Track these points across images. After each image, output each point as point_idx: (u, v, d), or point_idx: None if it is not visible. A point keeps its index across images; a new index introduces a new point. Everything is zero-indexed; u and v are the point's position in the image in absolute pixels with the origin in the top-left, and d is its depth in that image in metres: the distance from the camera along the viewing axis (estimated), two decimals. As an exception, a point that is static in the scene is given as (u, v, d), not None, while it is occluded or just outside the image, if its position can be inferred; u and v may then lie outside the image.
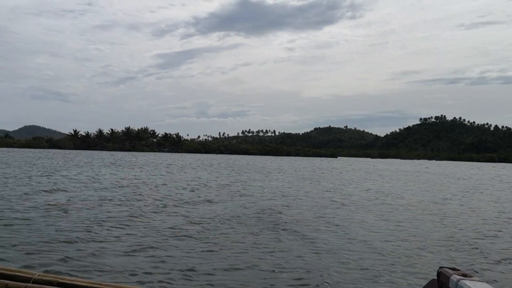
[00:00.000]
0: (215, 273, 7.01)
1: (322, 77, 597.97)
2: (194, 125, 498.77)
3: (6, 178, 23.64)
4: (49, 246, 8.27)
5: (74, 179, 24.76)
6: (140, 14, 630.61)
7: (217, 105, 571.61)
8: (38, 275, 2.17)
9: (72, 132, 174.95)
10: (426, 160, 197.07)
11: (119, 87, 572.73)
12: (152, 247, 8.58)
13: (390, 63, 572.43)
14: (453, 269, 2.89)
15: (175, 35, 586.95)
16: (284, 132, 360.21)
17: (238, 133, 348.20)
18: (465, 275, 2.71)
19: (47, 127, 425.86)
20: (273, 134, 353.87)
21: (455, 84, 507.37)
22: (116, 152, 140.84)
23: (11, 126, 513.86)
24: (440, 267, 3.06)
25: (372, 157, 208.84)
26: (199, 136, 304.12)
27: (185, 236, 9.86)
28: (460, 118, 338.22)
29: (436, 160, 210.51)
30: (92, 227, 10.44)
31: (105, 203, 14.98)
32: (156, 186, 22.46)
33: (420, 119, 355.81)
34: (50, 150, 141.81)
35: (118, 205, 14.67)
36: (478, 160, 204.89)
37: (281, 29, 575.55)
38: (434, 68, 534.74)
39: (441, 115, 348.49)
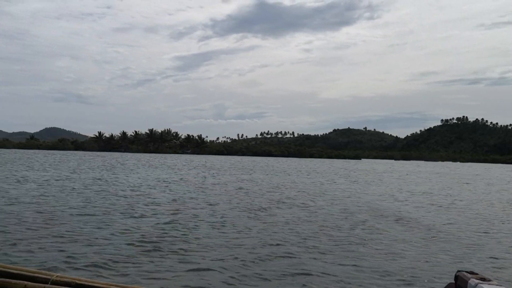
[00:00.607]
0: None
1: (339, 78, 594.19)
2: (212, 127, 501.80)
3: (151, 188, 23.91)
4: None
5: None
6: (158, 16, 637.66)
7: (234, 107, 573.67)
8: (56, 276, 2.15)
9: (97, 134, 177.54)
10: (451, 162, 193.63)
11: (137, 89, 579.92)
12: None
13: (409, 64, 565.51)
14: (471, 272, 2.86)
15: (193, 38, 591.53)
16: (302, 134, 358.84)
17: (256, 135, 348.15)
18: (483, 279, 2.66)
19: (67, 129, 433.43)
20: (291, 136, 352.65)
21: (476, 84, 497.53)
22: (143, 154, 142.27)
23: (33, 128, 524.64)
24: (458, 271, 3.02)
25: (395, 159, 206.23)
26: (218, 138, 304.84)
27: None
28: (482, 119, 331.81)
29: (460, 162, 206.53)
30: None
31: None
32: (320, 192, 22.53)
33: (441, 120, 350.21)
34: (77, 152, 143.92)
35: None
36: (504, 162, 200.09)
37: (298, 30, 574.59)
38: (453, 68, 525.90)
39: (463, 116, 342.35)
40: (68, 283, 2.17)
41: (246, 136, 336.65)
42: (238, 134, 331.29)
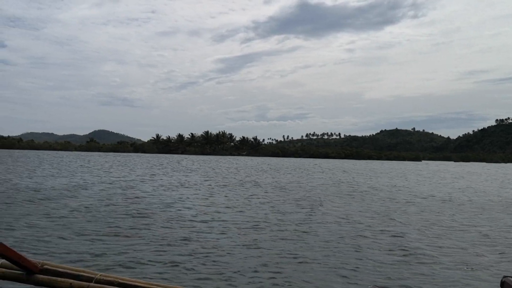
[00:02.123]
0: None
1: (383, 78, 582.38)
2: (254, 128, 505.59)
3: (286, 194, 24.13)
4: None
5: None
6: (201, 20, 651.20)
7: (277, 108, 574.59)
8: (100, 275, 2.12)
9: (155, 137, 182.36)
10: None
11: (181, 92, 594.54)
12: None
13: (456, 63, 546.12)
14: None
15: (235, 40, 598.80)
16: (349, 135, 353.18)
17: (302, 136, 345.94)
18: None
19: (115, 132, 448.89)
20: (338, 137, 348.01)
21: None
22: (202, 156, 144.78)
23: (82, 130, 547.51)
24: (504, 276, 2.49)
25: (454, 161, 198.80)
26: (263, 140, 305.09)
27: None
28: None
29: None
30: None
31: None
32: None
33: (496, 120, 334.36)
34: (142, 154, 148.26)
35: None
36: None
37: (341, 30, 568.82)
38: (503, 66, 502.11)
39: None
40: (111, 282, 2.12)
41: (292, 138, 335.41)
42: (283, 136, 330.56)
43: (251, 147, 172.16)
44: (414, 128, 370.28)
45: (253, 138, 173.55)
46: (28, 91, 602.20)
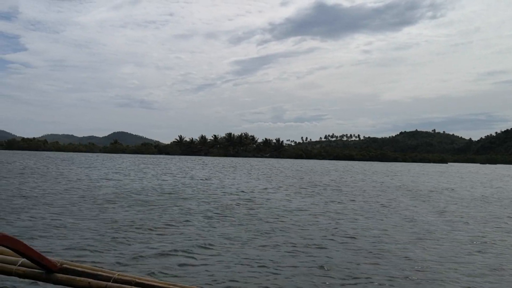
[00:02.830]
0: None
1: (401, 79, 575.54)
2: (270, 130, 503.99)
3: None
4: None
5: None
6: (218, 22, 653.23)
7: (293, 109, 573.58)
8: (118, 274, 2.02)
9: (177, 139, 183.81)
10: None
11: (198, 94, 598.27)
12: None
13: (475, 63, 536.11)
14: None
15: (252, 42, 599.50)
16: (368, 137, 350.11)
17: (321, 138, 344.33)
18: None
19: (134, 133, 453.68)
20: (357, 139, 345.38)
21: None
22: (226, 157, 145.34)
23: (101, 132, 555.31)
24: None
25: (480, 163, 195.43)
26: (282, 142, 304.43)
27: None
28: None
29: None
30: None
31: None
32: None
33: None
34: (166, 156, 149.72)
35: None
36: None
37: (357, 31, 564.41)
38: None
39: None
40: (129, 281, 2.03)
41: (310, 139, 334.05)
42: (302, 138, 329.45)
43: (273, 149, 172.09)
44: (434, 130, 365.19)
45: (275, 139, 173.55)
46: (47, 93, 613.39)
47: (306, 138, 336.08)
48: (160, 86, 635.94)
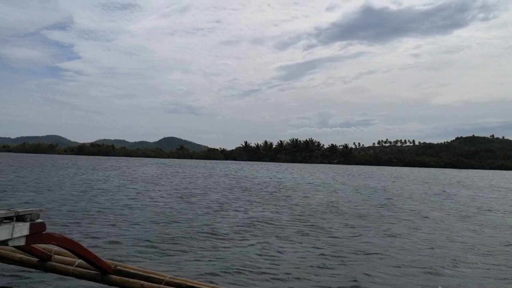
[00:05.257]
0: None
1: (451, 83, 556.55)
2: (316, 135, 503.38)
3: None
4: None
5: None
6: (264, 28, 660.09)
7: (339, 114, 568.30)
8: (170, 277, 2.18)
9: (243, 144, 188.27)
10: None
11: (244, 99, 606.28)
12: None
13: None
14: None
15: (298, 47, 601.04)
16: (424, 142, 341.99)
17: (374, 143, 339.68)
18: None
19: (183, 139, 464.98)
20: (411, 144, 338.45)
21: None
22: (295, 163, 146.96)
23: (152, 137, 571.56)
24: None
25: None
26: (350, 147, 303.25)
27: None
28: None
29: None
30: None
31: None
32: None
33: None
34: (232, 161, 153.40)
35: None
36: None
37: (406, 35, 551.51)
38: None
39: None
40: (180, 284, 2.15)
41: (363, 145, 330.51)
42: (354, 143, 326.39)
43: (340, 155, 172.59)
44: (493, 135, 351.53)
45: (343, 145, 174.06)
46: (99, 99, 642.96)
47: (359, 143, 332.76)
48: (207, 92, 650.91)
